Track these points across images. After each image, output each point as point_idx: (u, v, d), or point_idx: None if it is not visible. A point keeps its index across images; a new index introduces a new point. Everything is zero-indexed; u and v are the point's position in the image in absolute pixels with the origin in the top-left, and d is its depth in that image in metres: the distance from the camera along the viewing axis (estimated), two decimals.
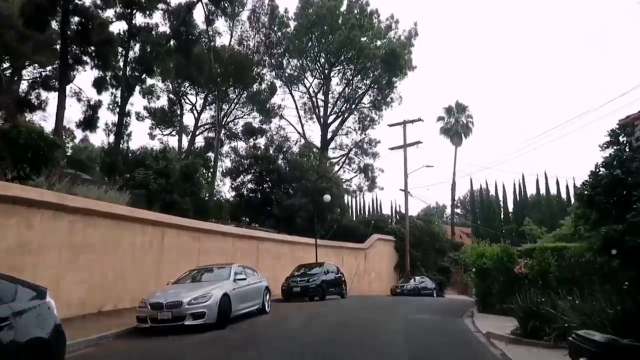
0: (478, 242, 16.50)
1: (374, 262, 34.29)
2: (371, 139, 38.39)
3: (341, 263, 30.67)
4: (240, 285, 11.49)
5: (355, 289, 31.47)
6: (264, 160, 28.84)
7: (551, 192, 64.62)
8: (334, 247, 30.32)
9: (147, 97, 45.93)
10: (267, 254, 23.33)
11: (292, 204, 27.70)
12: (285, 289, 19.30)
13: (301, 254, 26.30)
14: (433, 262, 37.44)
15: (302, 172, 28.83)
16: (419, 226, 38.72)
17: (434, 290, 33.31)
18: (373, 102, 38.83)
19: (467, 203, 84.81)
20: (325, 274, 19.98)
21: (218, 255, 19.24)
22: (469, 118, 50.58)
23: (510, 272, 13.83)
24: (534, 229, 49.87)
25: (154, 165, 24.33)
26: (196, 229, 18.05)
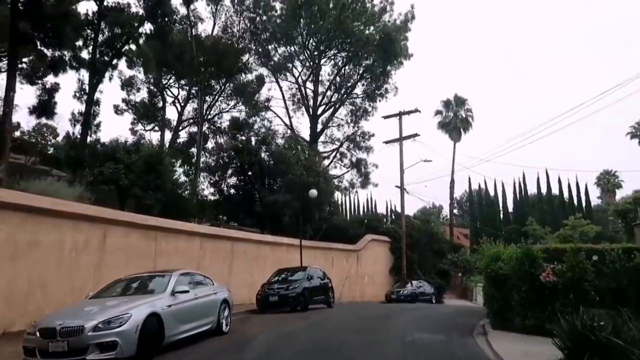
0: (490, 242, 13.62)
1: (368, 264, 31.40)
2: (364, 132, 35.58)
3: (331, 266, 27.77)
4: (181, 300, 8.55)
5: (347, 295, 28.57)
6: (244, 153, 25.89)
7: (553, 191, 62.10)
8: (322, 249, 27.41)
9: (127, 89, 43.01)
10: (244, 256, 20.39)
11: (275, 200, 24.77)
12: (260, 298, 16.37)
13: (285, 256, 23.38)
14: (431, 264, 34.57)
15: (287, 165, 25.91)
16: (416, 226, 35.87)
17: (433, 295, 30.45)
18: (366, 93, 35.97)
19: (464, 203, 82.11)
20: (309, 280, 17.05)
21: (181, 258, 16.29)
22: (469, 112, 47.93)
23: (535, 280, 10.97)
24: (537, 229, 47.19)
25: (125, 159, 21.42)
26: (152, 227, 15.08)
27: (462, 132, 47.64)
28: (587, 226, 48.72)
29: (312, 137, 34.13)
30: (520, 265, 11.33)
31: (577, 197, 60.88)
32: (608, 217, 61.03)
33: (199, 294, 9.32)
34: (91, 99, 30.05)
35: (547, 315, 10.74)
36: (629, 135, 65.55)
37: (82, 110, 30.24)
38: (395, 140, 34.31)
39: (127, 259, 13.79)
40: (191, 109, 43.70)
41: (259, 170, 25.81)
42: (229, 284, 19.51)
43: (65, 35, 22.20)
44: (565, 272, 10.59)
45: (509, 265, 11.72)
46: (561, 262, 11.04)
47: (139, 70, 42.44)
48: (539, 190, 62.76)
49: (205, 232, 18.09)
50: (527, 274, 11.12)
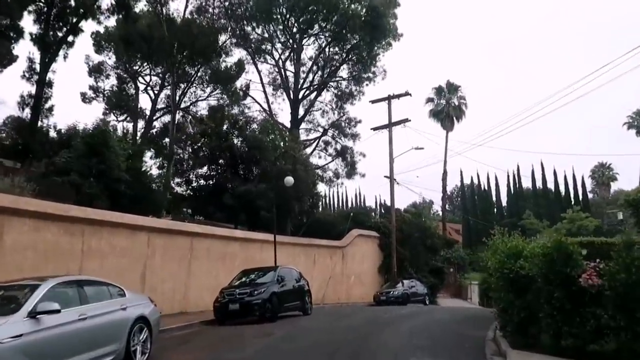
0: (503, 233, 10.69)
1: (354, 262, 28.45)
2: (350, 118, 32.55)
3: (312, 265, 24.81)
4: (49, 324, 5.47)
5: (331, 297, 25.61)
6: (213, 138, 22.79)
7: (548, 183, 59.66)
8: (303, 245, 24.41)
9: (95, 76, 39.55)
10: (206, 255, 17.32)
11: (248, 190, 21.73)
12: (217, 306, 13.31)
13: (258, 255, 20.36)
14: (424, 261, 31.72)
15: (262, 151, 22.85)
16: (407, 220, 32.99)
17: (426, 296, 27.63)
18: (352, 75, 32.95)
19: (455, 198, 79.53)
20: (279, 283, 14.02)
21: (120, 257, 13.20)
22: (462, 99, 45.14)
23: (572, 284, 8.06)
24: (534, 223, 44.61)
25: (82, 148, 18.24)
26: (77, 219, 11.94)
27: (455, 121, 44.87)
28: (586, 219, 46.40)
29: (293, 123, 31.07)
30: (550, 263, 8.39)
31: (573, 190, 58.58)
32: (606, 210, 59.01)
33: (91, 313, 6.24)
34: (42, 80, 26.72)
35: (590, 332, 7.89)
36: (626, 125, 63.53)
37: (33, 92, 26.95)
38: (384, 126, 31.38)
39: (39, 260, 10.67)
40: (165, 97, 40.38)
41: (230, 157, 22.73)
42: (187, 287, 16.49)
43: None
44: (615, 273, 7.66)
45: (533, 264, 8.78)
46: (604, 259, 8.14)
47: (109, 56, 39.19)
48: (533, 184, 60.39)
49: (154, 225, 14.96)
50: (561, 276, 8.19)
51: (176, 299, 15.69)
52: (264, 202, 21.58)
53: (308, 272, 24.60)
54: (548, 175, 59.44)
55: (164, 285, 15.15)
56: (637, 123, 61.97)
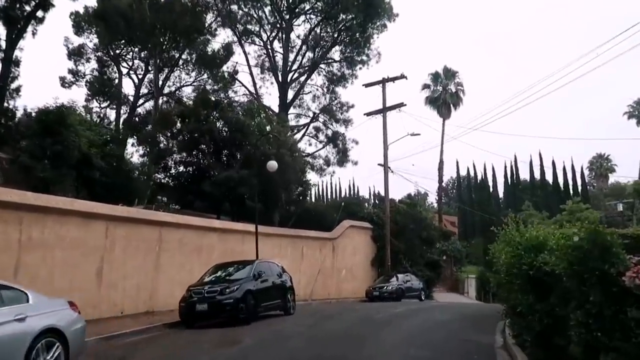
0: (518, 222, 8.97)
1: (345, 255, 26.73)
2: (342, 103, 30.69)
3: (300, 258, 23.08)
4: None
5: (320, 292, 23.90)
6: (191, 119, 20.91)
7: (546, 175, 58.07)
8: (290, 237, 22.64)
9: (75, 59, 37.48)
10: (178, 247, 15.50)
11: (229, 177, 19.88)
12: (183, 306, 11.51)
13: (239, 247, 18.59)
14: (419, 254, 30.04)
15: (244, 135, 21.00)
16: (402, 210, 31.24)
17: (422, 291, 25.98)
18: (345, 57, 31.06)
19: (450, 191, 77.91)
20: (256, 279, 12.23)
21: (70, 250, 11.37)
22: (459, 86, 43.38)
23: (612, 284, 6.29)
24: (533, 215, 42.97)
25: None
26: (11, 204, 10.07)
27: (452, 108, 43.14)
28: (587, 211, 44.88)
29: (281, 108, 29.20)
30: (582, 258, 6.62)
31: (572, 181, 57.08)
32: (604, 201, 57.60)
33: None
34: (9, 58, 24.70)
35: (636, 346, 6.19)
36: (626, 115, 62.06)
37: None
38: (378, 111, 29.55)
39: None
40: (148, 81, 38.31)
41: (211, 141, 20.84)
42: (154, 283, 14.62)
43: None
44: None
45: (562, 259, 7.03)
46: None
47: (90, 38, 37.13)
48: (531, 175, 58.79)
49: (114, 214, 13.08)
50: (597, 273, 6.43)
51: (141, 298, 13.89)
52: (246, 189, 19.76)
53: (295, 266, 22.90)
54: (546, 167, 57.89)
55: (127, 282, 13.34)
56: (638, 112, 60.57)
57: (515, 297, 8.21)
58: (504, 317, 12.00)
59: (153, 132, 22.94)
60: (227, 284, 11.56)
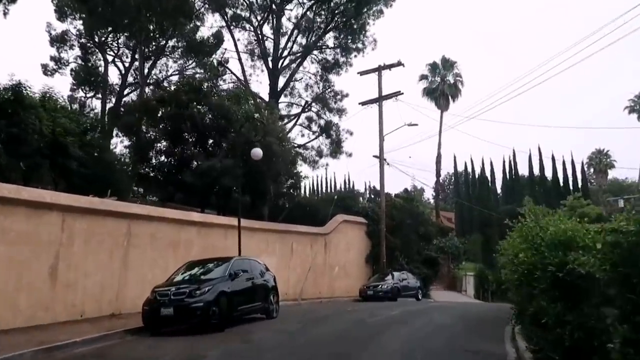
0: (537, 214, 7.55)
1: (339, 251, 25.29)
2: (336, 91, 29.15)
3: (290, 254, 21.63)
4: None
5: (310, 291, 22.47)
6: (172, 105, 19.35)
7: (546, 170, 56.63)
8: (278, 232, 21.16)
9: (57, 46, 35.70)
10: (150, 242, 13.99)
11: (211, 167, 18.36)
12: (147, 310, 10.01)
13: (221, 242, 17.12)
14: (416, 251, 28.64)
15: (229, 121, 19.47)
16: (398, 205, 29.82)
17: (419, 290, 24.60)
18: (339, 44, 29.50)
19: (447, 187, 76.51)
20: (232, 279, 10.74)
21: (14, 245, 9.84)
22: (458, 77, 41.94)
23: None
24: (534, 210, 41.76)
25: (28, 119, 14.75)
26: None
27: (451, 100, 41.75)
28: (588, 207, 43.60)
29: (272, 96, 27.65)
30: (627, 256, 5.18)
31: (572, 177, 55.76)
32: (604, 198, 56.41)
33: None
34: None
35: None
36: (627, 109, 60.82)
37: None
38: (373, 100, 28.06)
39: None
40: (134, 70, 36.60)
41: (192, 128, 19.30)
42: (122, 282, 12.82)
43: None
44: None
45: (599, 258, 5.60)
46: None
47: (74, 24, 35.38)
48: (530, 170, 57.32)
49: (72, 204, 11.54)
50: None
51: (106, 298, 12.39)
52: (231, 180, 18.24)
53: (284, 263, 21.46)
54: (546, 163, 56.53)
55: (88, 281, 11.83)
56: (639, 107, 59.34)
57: (536, 304, 6.76)
58: (513, 322, 10.61)
59: (131, 120, 21.35)
60: (197, 285, 10.06)
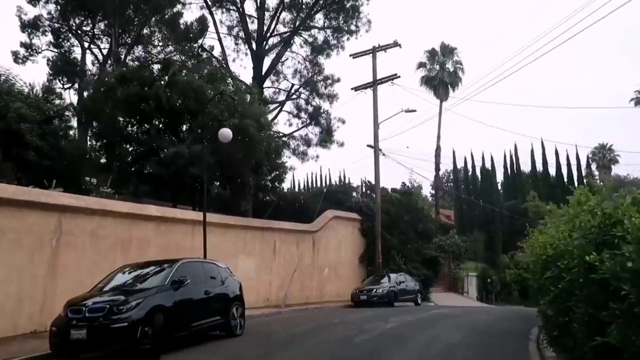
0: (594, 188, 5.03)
1: (329, 251, 22.74)
2: (326, 76, 26.51)
3: (272, 254, 19.05)
4: None
5: (297, 295, 19.93)
6: (133, 82, 16.72)
7: (549, 166, 54.17)
8: (258, 229, 18.57)
9: (29, 31, 32.99)
10: (90, 241, 11.38)
11: (178, 154, 15.76)
12: (54, 332, 7.40)
13: (187, 241, 14.58)
14: (415, 250, 26.09)
15: (200, 102, 16.87)
16: (395, 200, 27.28)
17: (418, 293, 22.06)
18: (330, 24, 26.90)
19: (446, 184, 73.95)
20: (176, 288, 8.13)
21: None
22: (458, 64, 39.42)
23: None
24: (540, 206, 39.21)
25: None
26: None
27: (450, 89, 39.23)
28: None
29: (256, 80, 25.04)
30: None
31: (577, 172, 53.39)
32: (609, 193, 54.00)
33: None
34: None
35: None
36: (633, 101, 58.41)
37: None
38: (367, 85, 25.52)
39: None
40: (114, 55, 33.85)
41: (156, 109, 16.68)
42: (48, 291, 10.17)
43: None
44: None
45: None
46: None
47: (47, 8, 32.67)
48: (533, 165, 54.89)
49: None
50: None
51: (25, 312, 9.80)
52: (201, 170, 15.62)
53: (265, 265, 18.85)
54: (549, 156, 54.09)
55: None
56: None
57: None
58: (544, 341, 8.11)
59: (91, 103, 18.74)
60: (124, 297, 7.46)
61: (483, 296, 33.54)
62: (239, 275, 17.71)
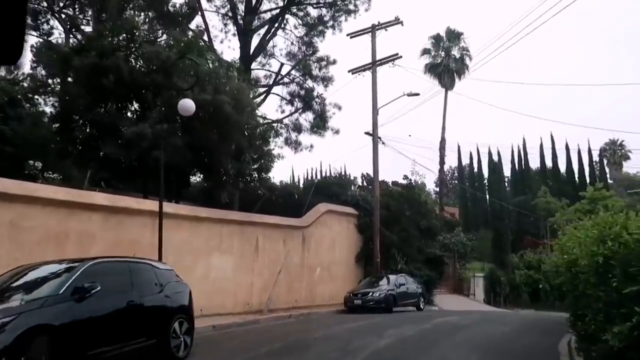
0: None
1: (321, 249, 20.35)
2: (321, 57, 23.99)
3: (254, 251, 16.64)
4: None
5: (283, 299, 17.53)
6: (91, 54, 14.33)
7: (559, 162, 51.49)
8: (237, 223, 16.18)
9: None
10: (9, 234, 9.01)
11: (140, 134, 13.39)
12: None
13: (146, 237, 12.26)
14: (417, 249, 23.64)
15: (167, 75, 14.48)
16: (396, 194, 24.82)
17: (420, 297, 19.67)
18: (325, 2, 24.42)
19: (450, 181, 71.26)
20: (79, 299, 5.73)
21: None
22: (465, 51, 36.86)
23: None
24: (551, 202, 36.72)
25: None
26: None
27: (456, 77, 36.66)
28: (610, 199, 38.65)
29: (242, 61, 22.62)
30: None
31: (589, 168, 50.82)
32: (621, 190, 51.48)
33: None
34: None
35: None
36: None
37: None
38: (365, 67, 23.06)
39: None
40: None
41: (116, 83, 14.28)
42: None
43: None
44: None
45: None
46: None
47: None
48: (542, 160, 52.31)
49: None
50: None
51: None
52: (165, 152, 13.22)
53: (246, 264, 16.40)
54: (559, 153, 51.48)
55: None
56: None
57: None
58: None
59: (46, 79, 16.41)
60: None
61: (490, 298, 31.02)
62: (212, 276, 15.39)
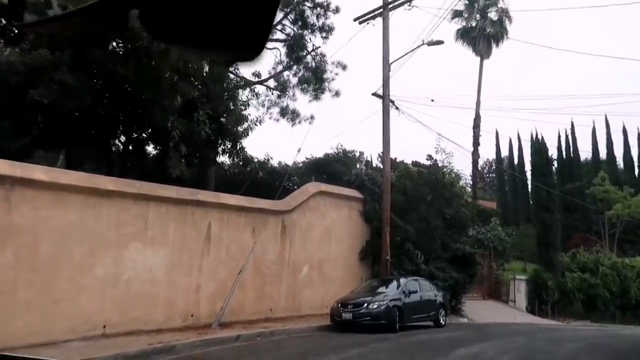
0: None
1: (309, 241, 15.55)
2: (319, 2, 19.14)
3: (203, 243, 11.88)
4: None
5: (251, 308, 12.83)
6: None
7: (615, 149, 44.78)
8: (175, 202, 11.50)
9: None
10: None
11: (8, 64, 8.95)
12: None
13: None
14: (441, 244, 18.49)
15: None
16: (415, 175, 19.69)
17: (441, 308, 14.57)
18: None
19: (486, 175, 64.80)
20: None
21: None
22: (504, 12, 31.09)
23: None
24: (610, 191, 30.59)
25: None
26: None
27: (494, 44, 31.05)
28: None
29: None
30: None
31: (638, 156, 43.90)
32: None
33: None
34: None
35: None
36: None
37: None
38: (375, 13, 18.05)
39: None
40: None
41: None
42: None
43: None
44: None
45: None
46: None
47: None
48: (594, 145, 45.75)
49: None
50: None
51: None
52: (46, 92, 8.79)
53: (191, 260, 11.42)
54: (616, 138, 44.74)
55: None
56: None
57: None
58: None
59: None
60: None
61: (535, 306, 25.45)
62: (128, 277, 10.81)
